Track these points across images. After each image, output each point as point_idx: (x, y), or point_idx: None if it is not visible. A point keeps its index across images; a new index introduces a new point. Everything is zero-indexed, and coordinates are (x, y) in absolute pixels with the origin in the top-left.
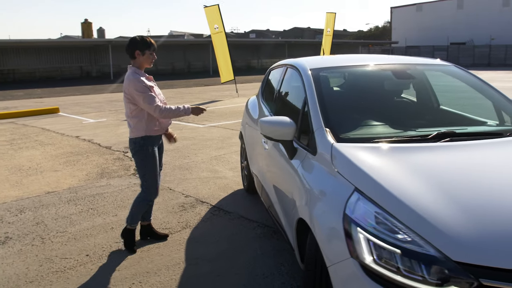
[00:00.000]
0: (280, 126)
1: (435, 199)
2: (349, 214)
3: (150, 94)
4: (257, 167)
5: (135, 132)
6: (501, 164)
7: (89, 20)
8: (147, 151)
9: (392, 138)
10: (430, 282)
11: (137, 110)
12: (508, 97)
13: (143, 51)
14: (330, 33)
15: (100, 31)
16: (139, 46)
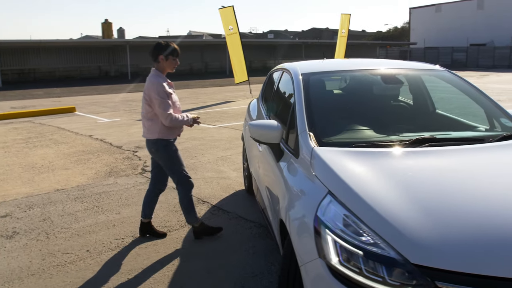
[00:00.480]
0: (267, 130)
1: (401, 203)
2: (320, 216)
3: (166, 101)
4: (254, 168)
5: (150, 134)
6: (473, 170)
7: (109, 20)
8: (171, 149)
9: (372, 143)
10: (390, 284)
11: (152, 113)
12: (498, 103)
13: (167, 56)
14: (345, 35)
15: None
16: (163, 51)
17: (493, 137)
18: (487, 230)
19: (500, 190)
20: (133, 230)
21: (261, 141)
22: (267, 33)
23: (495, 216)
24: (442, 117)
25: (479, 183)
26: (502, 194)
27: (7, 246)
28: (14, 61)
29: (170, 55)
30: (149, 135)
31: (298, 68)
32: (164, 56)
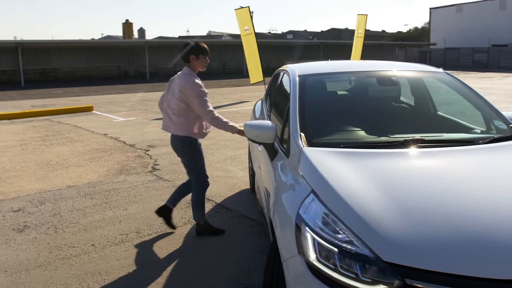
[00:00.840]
0: (261, 130)
1: (379, 202)
2: (302, 214)
3: (206, 99)
4: (256, 168)
5: (179, 131)
6: (455, 171)
7: (130, 20)
8: (196, 147)
9: (360, 143)
10: (362, 280)
11: (185, 110)
12: (493, 106)
13: (198, 56)
14: (362, 35)
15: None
16: (194, 51)
17: (484, 139)
18: (459, 231)
19: (478, 192)
20: (138, 226)
21: (256, 141)
22: (286, 34)
23: (469, 217)
24: (441, 119)
25: (459, 184)
26: (480, 196)
27: (17, 239)
28: (36, 60)
29: (201, 54)
30: (178, 131)
31: (296, 69)
32: (195, 56)
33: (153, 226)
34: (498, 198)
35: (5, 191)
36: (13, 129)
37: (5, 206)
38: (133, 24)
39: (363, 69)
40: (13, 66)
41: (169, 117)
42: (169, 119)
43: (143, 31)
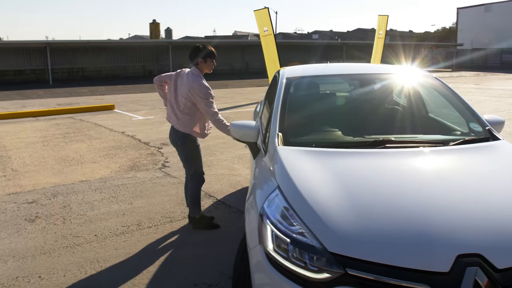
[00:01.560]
0: (245, 130)
1: (334, 198)
2: (265, 207)
3: (211, 101)
4: None
5: (183, 127)
6: (413, 172)
7: (157, 20)
8: (195, 144)
9: (332, 143)
10: (310, 269)
11: (190, 109)
12: (472, 108)
13: (205, 59)
14: (382, 36)
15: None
16: (202, 54)
17: (454, 140)
18: (402, 226)
19: (429, 191)
20: (140, 219)
21: (241, 140)
22: (311, 34)
23: (414, 213)
24: (427, 120)
25: (413, 183)
26: (429, 195)
27: (28, 228)
28: (64, 60)
29: (208, 57)
30: (180, 127)
31: (286, 71)
32: (203, 59)
33: (153, 219)
34: (445, 197)
35: (22, 184)
36: (37, 126)
37: (21, 198)
38: (160, 24)
39: (352, 72)
40: (42, 66)
41: (173, 111)
42: (173, 113)
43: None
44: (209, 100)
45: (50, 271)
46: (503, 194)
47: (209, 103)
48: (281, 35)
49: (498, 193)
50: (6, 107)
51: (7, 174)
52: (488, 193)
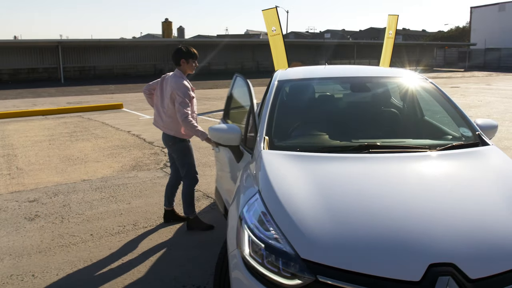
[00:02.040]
0: (226, 133)
1: (312, 204)
2: (244, 212)
3: (187, 102)
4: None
5: (168, 130)
6: (394, 177)
7: (169, 19)
8: (186, 144)
9: (316, 147)
10: (283, 275)
11: (172, 111)
12: (463, 112)
13: (187, 60)
14: (392, 36)
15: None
16: (184, 55)
17: (442, 146)
18: (376, 233)
19: (407, 198)
20: (136, 219)
21: (223, 144)
22: (323, 33)
23: (389, 221)
24: (421, 124)
25: (392, 189)
26: (406, 202)
27: (27, 226)
28: (75, 59)
29: (190, 58)
30: (166, 130)
31: (279, 74)
32: (185, 60)
33: (150, 219)
34: (423, 204)
35: (25, 182)
36: (46, 125)
37: (23, 196)
38: (172, 23)
39: (346, 75)
40: (55, 64)
41: (159, 115)
42: (159, 116)
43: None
44: (185, 100)
45: (44, 270)
46: (481, 202)
47: (183, 102)
48: (293, 34)
49: (477, 200)
50: (17, 105)
51: (11, 173)
52: (467, 200)
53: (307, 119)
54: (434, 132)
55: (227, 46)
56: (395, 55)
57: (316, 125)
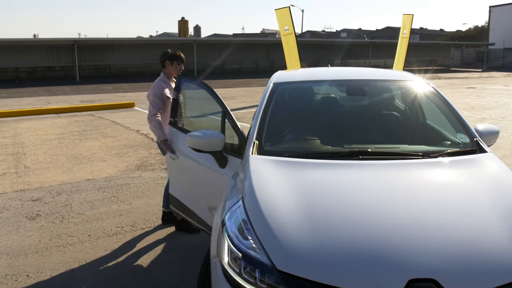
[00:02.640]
0: (207, 139)
1: (292, 213)
2: (226, 219)
3: (158, 102)
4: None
5: None
6: (381, 186)
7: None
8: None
9: (304, 153)
10: (259, 286)
11: None
12: (462, 118)
13: (172, 62)
14: (407, 36)
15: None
16: (169, 57)
17: (436, 152)
18: (357, 244)
19: (392, 208)
20: (135, 220)
21: (204, 151)
22: (340, 32)
23: (372, 232)
24: (420, 128)
25: (377, 199)
26: (391, 213)
27: (27, 226)
28: (91, 57)
29: (175, 61)
30: None
31: (276, 76)
32: (169, 62)
33: (148, 221)
34: (408, 216)
35: (31, 181)
36: (57, 123)
37: (27, 195)
38: (188, 22)
39: (345, 78)
40: (71, 62)
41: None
42: None
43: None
44: (155, 99)
45: (38, 270)
46: (471, 214)
47: (153, 101)
48: (309, 33)
49: (466, 213)
50: (32, 103)
51: (18, 171)
52: (456, 213)
53: (300, 123)
54: (433, 138)
55: (242, 45)
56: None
57: (309, 130)
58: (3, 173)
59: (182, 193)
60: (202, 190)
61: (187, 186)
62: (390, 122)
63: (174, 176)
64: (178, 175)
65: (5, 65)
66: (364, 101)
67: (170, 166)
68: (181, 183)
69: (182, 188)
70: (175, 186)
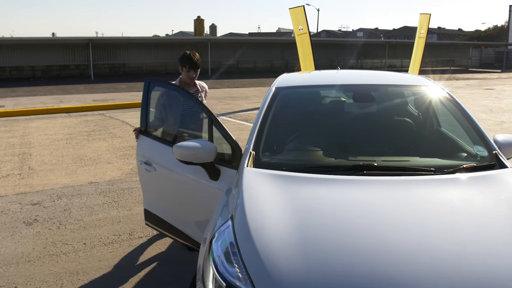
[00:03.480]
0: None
1: (285, 239)
2: (214, 241)
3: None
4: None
5: None
6: (387, 208)
7: (202, 17)
8: None
9: (305, 166)
10: None
11: None
12: (480, 128)
13: (182, 67)
14: (424, 35)
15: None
16: (180, 61)
17: (450, 168)
18: (354, 277)
19: (396, 235)
20: (133, 227)
21: (195, 163)
22: (356, 31)
23: (372, 262)
24: (435, 138)
25: (380, 223)
26: (394, 240)
27: (23, 232)
28: (105, 56)
29: (184, 66)
30: None
31: (279, 80)
32: (180, 66)
33: (146, 229)
34: (414, 244)
35: (33, 183)
36: (67, 123)
37: (28, 198)
38: (204, 21)
39: (353, 82)
40: (86, 61)
41: None
42: None
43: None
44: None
45: (28, 281)
46: (485, 243)
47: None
48: (325, 33)
49: (480, 241)
50: (44, 102)
51: (22, 173)
52: (467, 241)
53: (302, 132)
54: (447, 149)
55: (256, 44)
56: (428, 55)
57: (311, 139)
58: (7, 174)
59: (161, 208)
60: (188, 204)
61: (168, 200)
62: (400, 131)
63: (150, 189)
64: (155, 189)
65: (22, 64)
66: (372, 108)
67: (145, 179)
68: (159, 197)
69: (161, 202)
70: (152, 200)
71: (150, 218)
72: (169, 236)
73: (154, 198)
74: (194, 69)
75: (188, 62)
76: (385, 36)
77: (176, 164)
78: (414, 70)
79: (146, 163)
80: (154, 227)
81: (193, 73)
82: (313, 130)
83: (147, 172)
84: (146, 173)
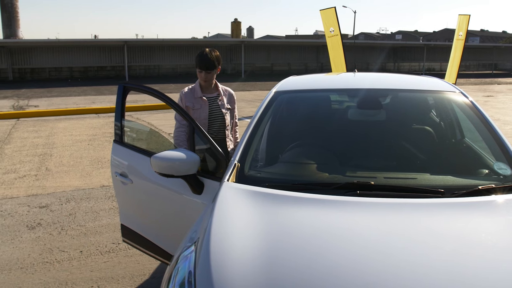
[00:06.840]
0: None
1: (252, 273)
2: (177, 265)
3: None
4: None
5: None
6: (378, 238)
7: (239, 20)
8: None
9: (291, 183)
10: None
11: None
12: (504, 141)
13: (197, 68)
14: (462, 37)
15: (249, 30)
16: (195, 61)
17: (462, 189)
18: None
19: (384, 275)
20: None
21: (175, 175)
22: (395, 34)
23: None
24: (454, 150)
25: (367, 259)
26: (385, 281)
27: (23, 236)
28: (140, 58)
29: (197, 67)
30: None
31: (281, 83)
32: (196, 66)
33: None
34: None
35: (46, 185)
36: (94, 124)
37: (37, 201)
38: (241, 23)
39: (363, 87)
40: (121, 62)
41: None
42: None
43: (251, 30)
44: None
45: None
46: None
47: (176, 114)
48: (363, 35)
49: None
50: (77, 103)
51: (38, 174)
52: (476, 282)
53: (297, 142)
54: (467, 164)
55: (291, 46)
56: (469, 58)
57: (307, 150)
58: (24, 175)
59: (139, 223)
60: (169, 219)
61: (146, 215)
62: (410, 143)
63: (127, 203)
64: (132, 203)
65: (61, 65)
66: (379, 115)
67: (121, 192)
68: (136, 212)
69: (139, 217)
70: (129, 216)
71: (127, 235)
72: (149, 254)
73: (131, 213)
74: (205, 70)
75: (197, 61)
76: (425, 38)
77: (155, 176)
78: (452, 73)
79: (121, 174)
80: (132, 245)
81: (205, 75)
82: (310, 140)
83: (123, 184)
84: (121, 186)
